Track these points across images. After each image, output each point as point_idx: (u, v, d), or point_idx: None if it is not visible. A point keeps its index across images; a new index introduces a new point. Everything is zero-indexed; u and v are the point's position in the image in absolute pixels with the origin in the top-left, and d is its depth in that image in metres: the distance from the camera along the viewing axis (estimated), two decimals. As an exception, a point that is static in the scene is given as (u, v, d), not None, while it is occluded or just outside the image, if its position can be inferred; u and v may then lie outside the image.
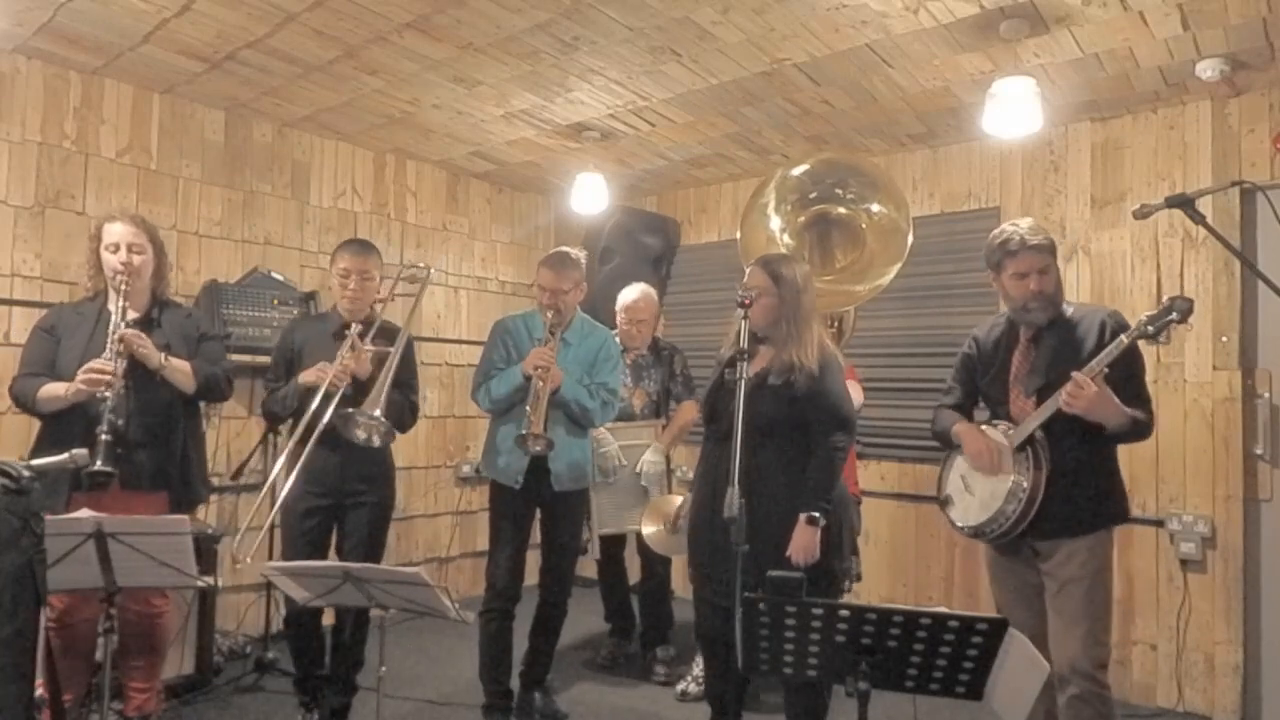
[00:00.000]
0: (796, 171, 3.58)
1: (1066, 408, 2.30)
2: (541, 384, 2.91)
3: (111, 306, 2.67)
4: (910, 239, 3.40)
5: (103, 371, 2.49)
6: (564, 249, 3.23)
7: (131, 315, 2.67)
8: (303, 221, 4.37)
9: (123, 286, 2.64)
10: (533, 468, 3.02)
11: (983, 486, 2.54)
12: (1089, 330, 2.43)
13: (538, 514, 3.17)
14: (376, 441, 2.80)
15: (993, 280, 2.59)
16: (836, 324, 3.68)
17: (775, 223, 3.56)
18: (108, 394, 2.48)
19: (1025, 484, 2.40)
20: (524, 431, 2.85)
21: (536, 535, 3.20)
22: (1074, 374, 2.29)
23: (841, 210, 3.55)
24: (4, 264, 3.40)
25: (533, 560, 3.17)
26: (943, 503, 2.69)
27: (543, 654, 3.22)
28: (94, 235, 2.73)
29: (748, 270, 2.67)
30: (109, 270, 2.69)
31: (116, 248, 2.68)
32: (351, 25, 3.08)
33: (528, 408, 2.91)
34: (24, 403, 2.64)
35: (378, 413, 2.71)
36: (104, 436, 2.42)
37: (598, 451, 3.51)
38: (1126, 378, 2.37)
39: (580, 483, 3.19)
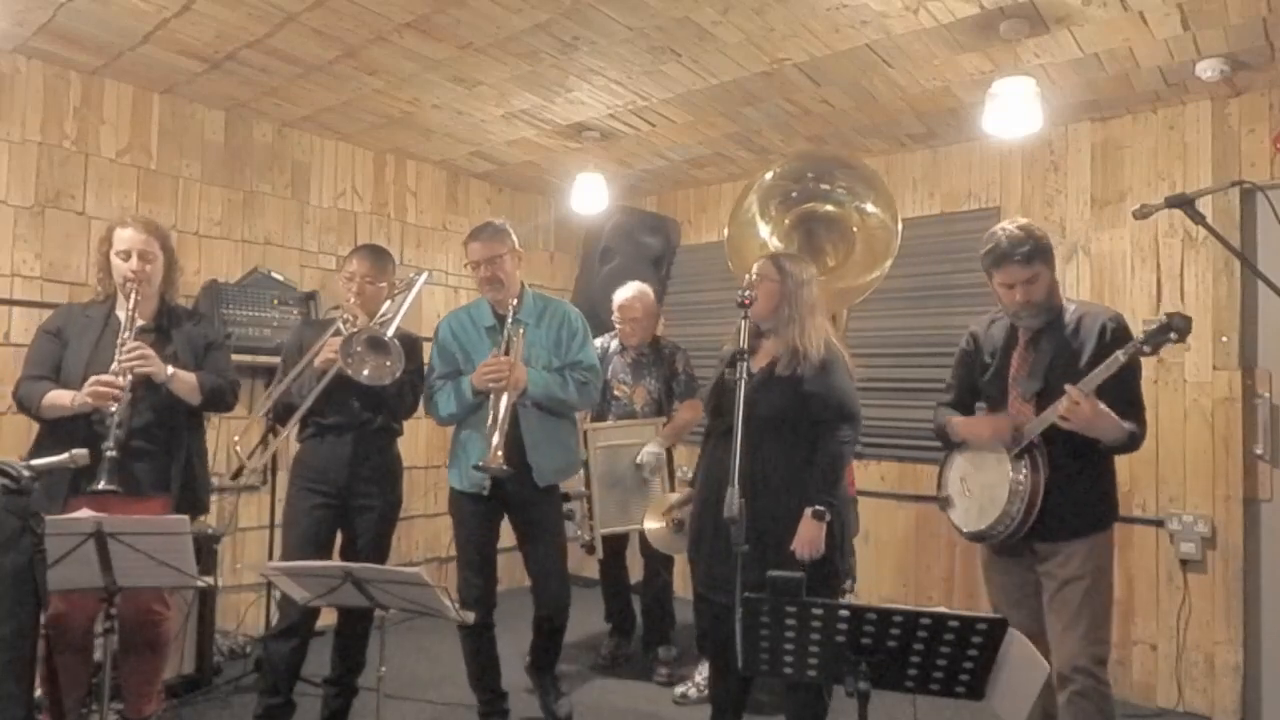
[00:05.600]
0: (770, 175, 3.52)
1: (1063, 424, 2.29)
2: (503, 396, 2.69)
3: (120, 312, 2.66)
4: (900, 225, 3.34)
5: (111, 385, 2.46)
6: (486, 220, 3.08)
7: (140, 323, 2.64)
8: (303, 221, 4.37)
9: (134, 297, 2.61)
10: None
11: (981, 489, 2.53)
12: (1089, 334, 2.41)
13: (505, 517, 2.99)
14: (384, 378, 2.73)
15: (989, 283, 2.59)
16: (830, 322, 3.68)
17: (763, 229, 3.48)
18: (114, 408, 2.45)
19: (1024, 489, 2.38)
20: (481, 462, 2.64)
21: (509, 540, 3.04)
22: (1068, 388, 2.26)
23: (828, 207, 3.49)
24: (4, 264, 3.40)
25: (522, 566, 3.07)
26: (943, 503, 2.68)
27: (549, 650, 3.13)
28: (105, 239, 2.72)
29: (755, 265, 2.68)
30: (119, 277, 2.67)
31: (128, 255, 2.66)
32: (351, 25, 3.08)
33: (491, 433, 2.64)
34: (28, 407, 2.61)
35: (389, 332, 2.68)
36: (110, 454, 2.38)
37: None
38: (1120, 383, 2.34)
39: (564, 475, 3.02)
